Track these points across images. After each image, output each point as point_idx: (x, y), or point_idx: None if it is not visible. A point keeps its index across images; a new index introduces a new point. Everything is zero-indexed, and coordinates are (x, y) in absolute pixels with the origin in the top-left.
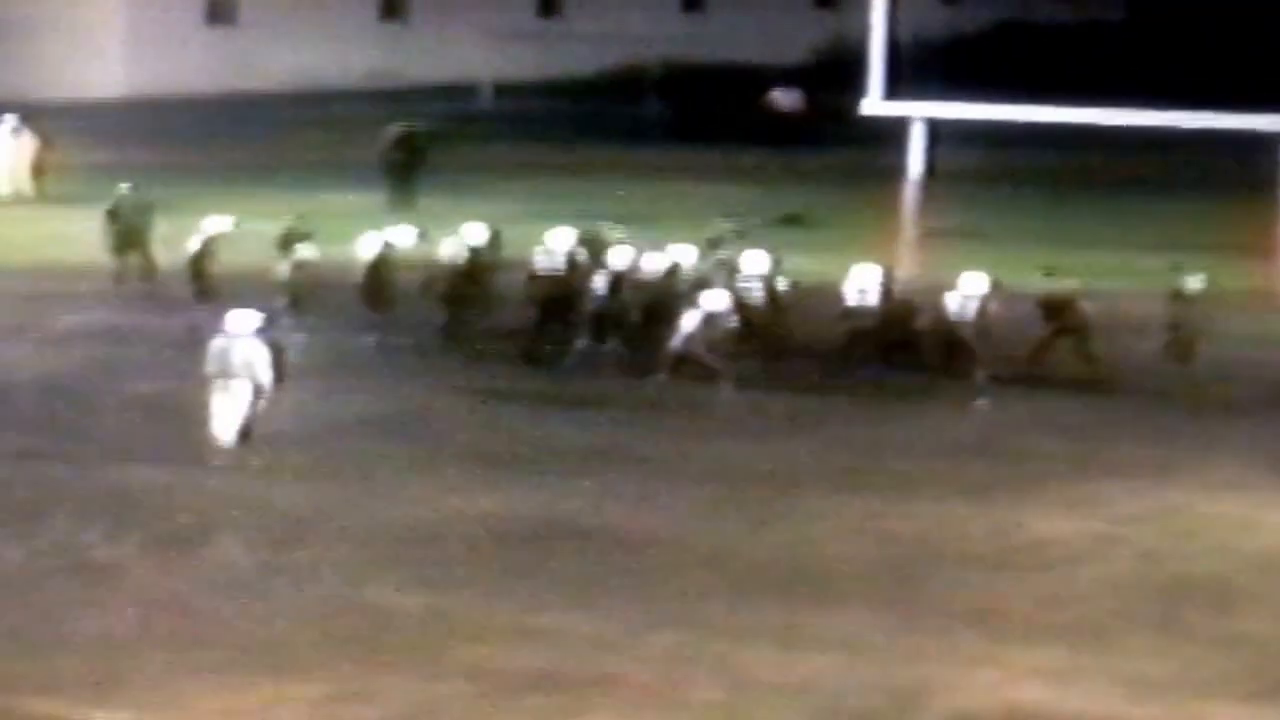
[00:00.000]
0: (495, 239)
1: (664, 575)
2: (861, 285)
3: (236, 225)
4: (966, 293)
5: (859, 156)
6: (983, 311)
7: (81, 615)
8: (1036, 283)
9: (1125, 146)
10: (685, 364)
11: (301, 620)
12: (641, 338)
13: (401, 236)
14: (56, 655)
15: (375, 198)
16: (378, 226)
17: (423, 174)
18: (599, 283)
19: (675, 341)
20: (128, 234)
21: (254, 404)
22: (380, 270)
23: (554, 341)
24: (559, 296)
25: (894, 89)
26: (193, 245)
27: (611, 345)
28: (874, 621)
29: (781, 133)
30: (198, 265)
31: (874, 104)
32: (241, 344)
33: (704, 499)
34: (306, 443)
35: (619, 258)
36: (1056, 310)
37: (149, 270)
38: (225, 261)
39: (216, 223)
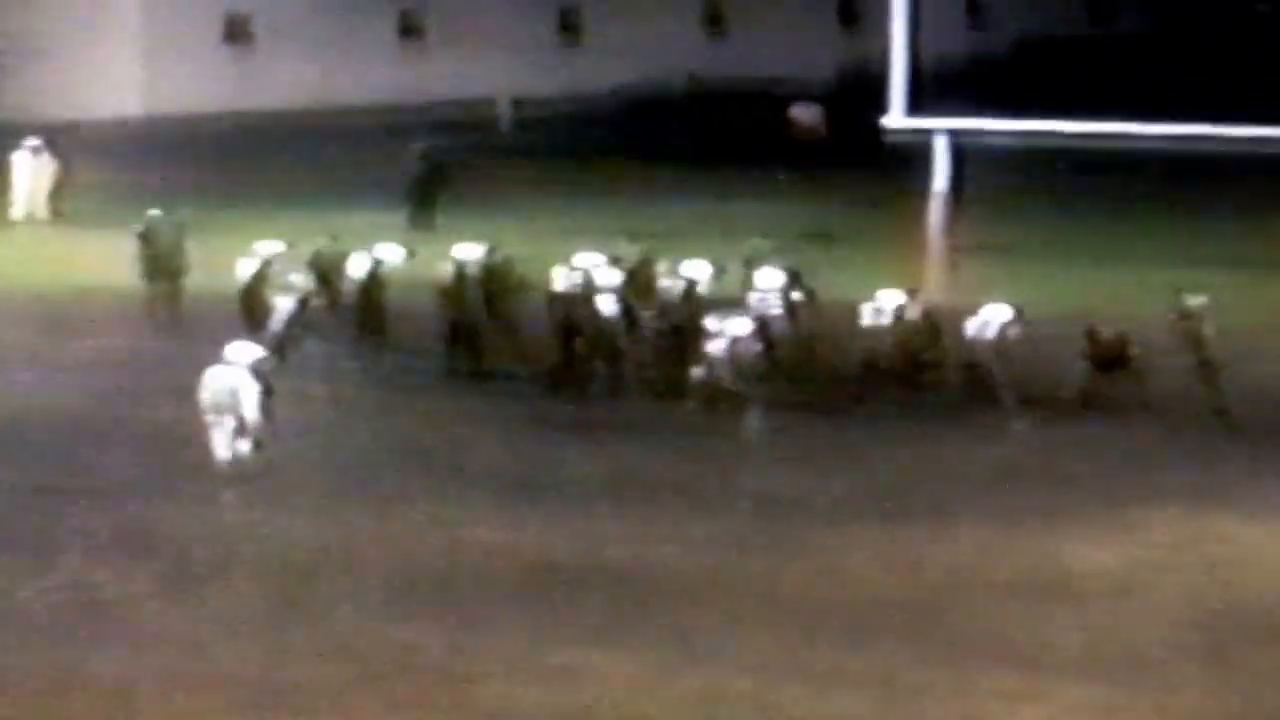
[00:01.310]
0: (506, 261)
1: (692, 610)
2: (879, 306)
3: (290, 246)
4: (986, 319)
5: (882, 174)
6: (1002, 338)
7: (93, 655)
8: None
9: (1154, 162)
10: (712, 391)
11: (319, 660)
12: (661, 361)
13: (390, 255)
14: (68, 697)
15: (397, 217)
16: (401, 243)
17: (444, 193)
18: (608, 304)
19: (701, 368)
20: (159, 259)
21: (239, 437)
22: (371, 290)
23: (575, 365)
24: (579, 319)
25: (917, 105)
26: (245, 271)
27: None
28: (910, 656)
29: (803, 150)
30: (251, 294)
31: (896, 119)
32: (233, 376)
33: (731, 529)
34: (322, 472)
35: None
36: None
37: (174, 296)
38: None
39: (269, 247)
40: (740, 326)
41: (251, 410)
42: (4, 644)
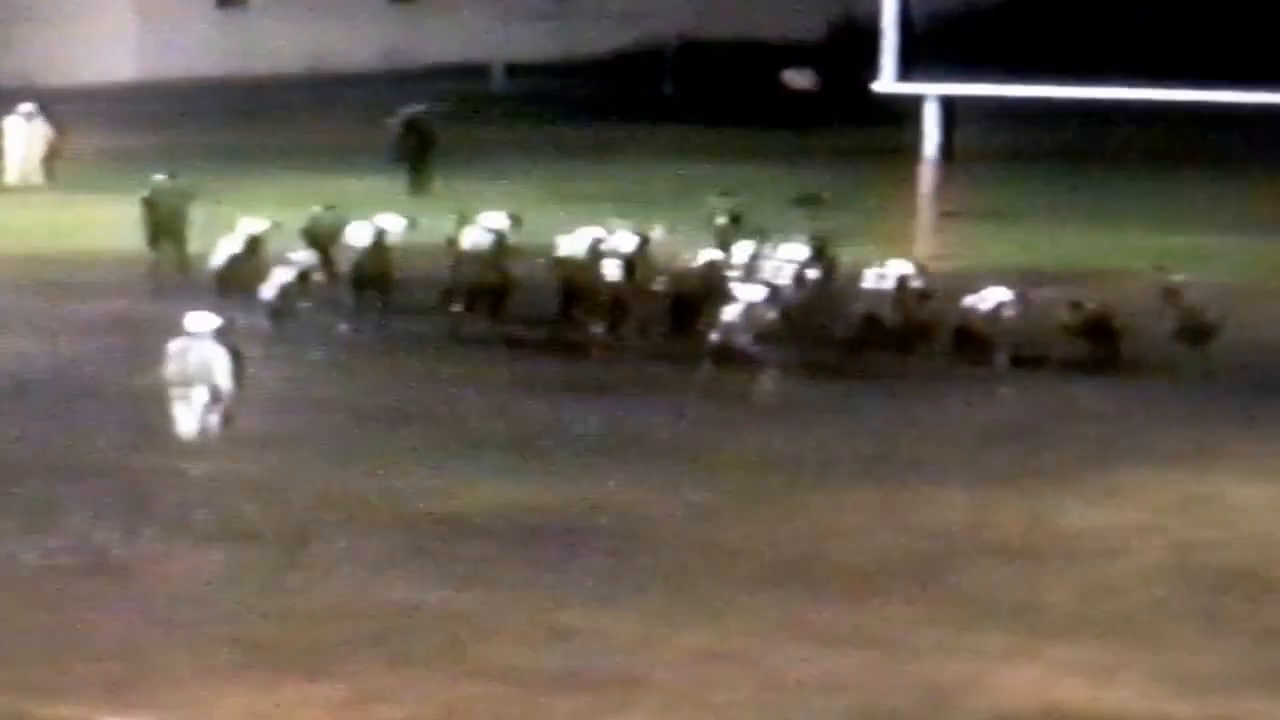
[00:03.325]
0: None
1: (691, 569)
2: (883, 273)
3: (276, 226)
4: (985, 297)
5: (874, 136)
6: (999, 315)
7: (97, 615)
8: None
9: (1148, 122)
10: (727, 354)
11: (322, 618)
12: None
13: (392, 224)
14: (73, 657)
15: (393, 183)
16: (397, 211)
17: (434, 157)
18: (611, 268)
19: (717, 332)
20: (163, 224)
21: (211, 408)
22: (374, 259)
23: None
24: (582, 282)
25: (908, 68)
26: (228, 249)
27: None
28: (906, 616)
29: (795, 112)
30: (232, 272)
31: (887, 84)
32: (200, 346)
33: (731, 489)
34: (324, 434)
35: (629, 243)
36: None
37: (182, 262)
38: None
39: (253, 225)
40: (755, 292)
41: (225, 378)
42: (6, 606)
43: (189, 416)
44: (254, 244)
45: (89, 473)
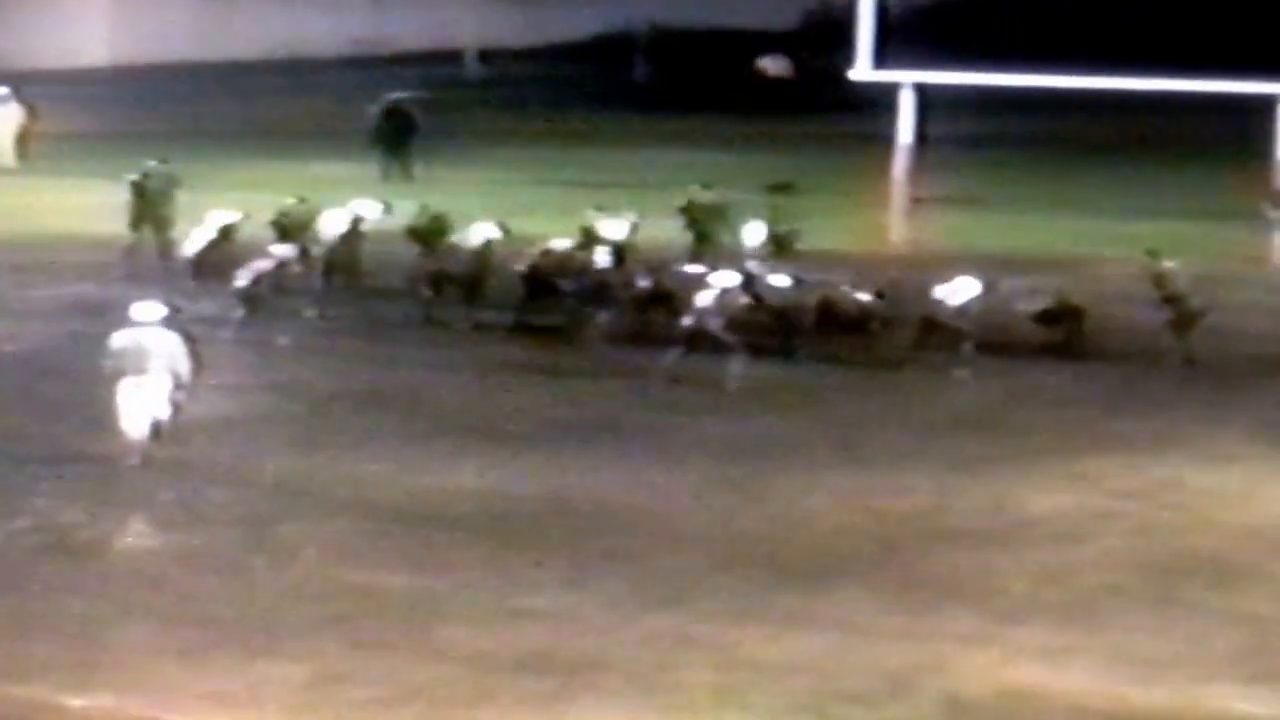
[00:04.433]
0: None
1: (655, 553)
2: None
3: (246, 218)
4: (956, 289)
5: (848, 123)
6: (968, 308)
7: (62, 597)
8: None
9: (1121, 110)
10: (699, 340)
11: (286, 600)
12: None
13: (368, 210)
14: (36, 638)
15: (367, 169)
16: (372, 198)
17: (414, 144)
18: (601, 256)
19: (690, 318)
20: (149, 208)
21: (170, 396)
22: (347, 245)
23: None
24: (555, 269)
25: (883, 56)
26: (200, 240)
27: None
28: (867, 600)
29: (770, 100)
30: (207, 257)
31: (862, 72)
32: (153, 335)
33: (695, 474)
34: (291, 417)
35: (617, 230)
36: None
37: (164, 246)
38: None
39: (224, 217)
40: (728, 278)
41: (183, 363)
42: None
43: (141, 406)
44: (227, 231)
45: (54, 456)
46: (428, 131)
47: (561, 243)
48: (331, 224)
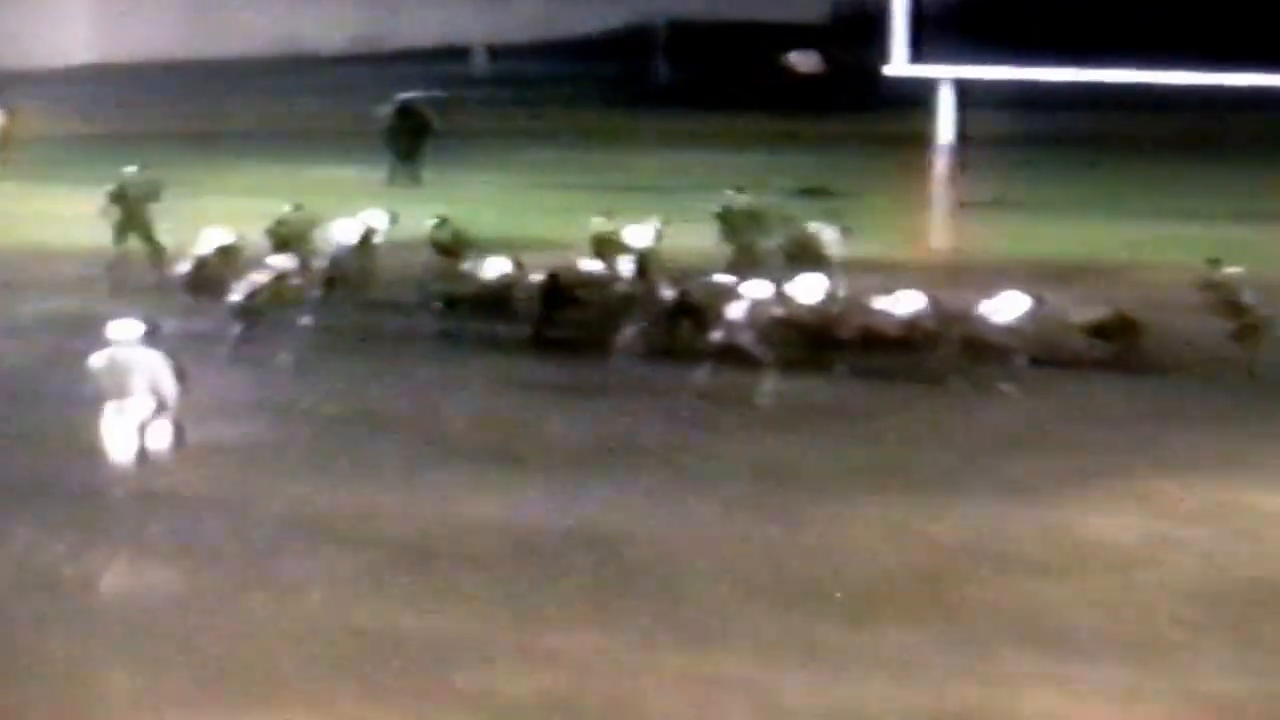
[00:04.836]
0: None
1: (686, 587)
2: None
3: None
4: (1003, 305)
5: (882, 122)
6: (1018, 326)
7: (47, 638)
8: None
9: (1169, 107)
10: (730, 354)
11: (288, 642)
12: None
13: (378, 221)
14: (20, 683)
15: (371, 173)
16: (379, 204)
17: (426, 148)
18: (625, 266)
19: (720, 331)
20: (131, 219)
21: (156, 418)
22: (361, 257)
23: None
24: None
25: (920, 50)
26: (193, 259)
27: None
28: (916, 636)
29: (799, 97)
30: (200, 275)
31: (898, 67)
32: (134, 355)
33: (728, 500)
34: (291, 441)
35: (641, 238)
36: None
37: (155, 257)
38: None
39: (219, 236)
40: (760, 289)
41: (166, 384)
42: None
43: (126, 430)
44: (224, 253)
45: (34, 486)
46: (434, 134)
47: (588, 264)
48: (342, 234)
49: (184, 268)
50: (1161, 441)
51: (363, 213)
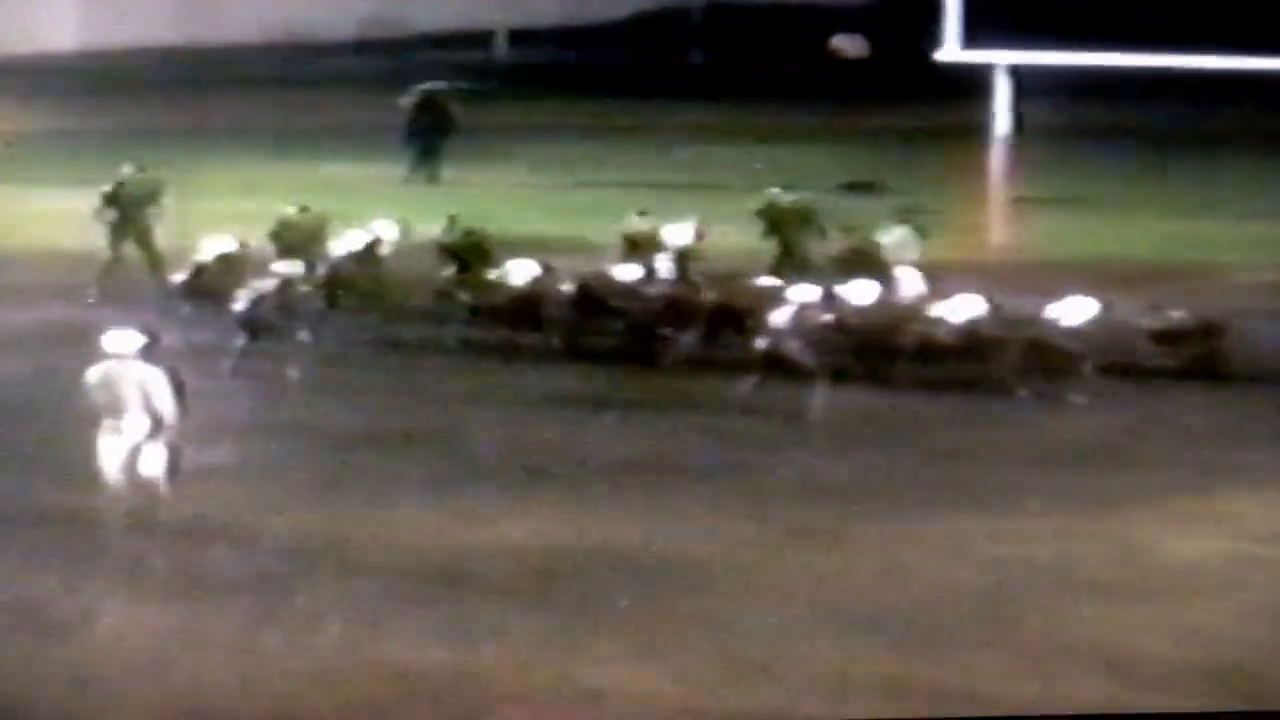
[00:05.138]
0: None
1: (736, 616)
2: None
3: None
4: (1067, 310)
5: (933, 112)
6: (1082, 329)
7: (39, 681)
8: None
9: (1241, 96)
10: (776, 363)
11: (306, 684)
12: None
13: (385, 230)
14: None
15: (384, 171)
16: (396, 204)
17: (447, 142)
18: (663, 264)
19: (764, 339)
20: (127, 223)
21: (154, 439)
22: (366, 266)
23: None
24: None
25: (974, 34)
26: (190, 265)
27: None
28: (985, 667)
29: (845, 85)
30: (196, 286)
31: (951, 52)
32: (130, 369)
33: (777, 522)
34: (304, 463)
35: (679, 237)
36: None
37: (154, 264)
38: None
39: (221, 244)
40: (807, 293)
41: (166, 402)
42: None
43: (122, 452)
44: (225, 262)
45: (24, 514)
46: (457, 128)
47: (624, 269)
48: (348, 245)
49: (180, 275)
50: (1242, 457)
51: (374, 222)
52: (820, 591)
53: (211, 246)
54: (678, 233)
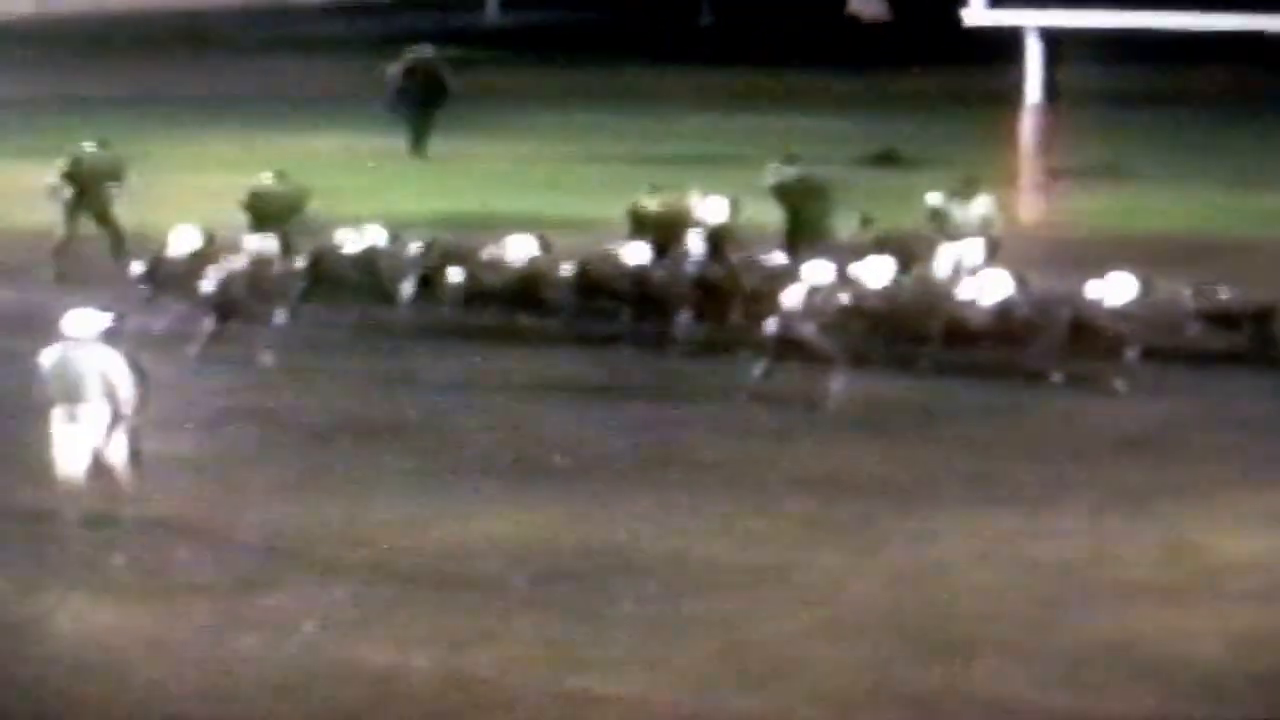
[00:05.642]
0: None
1: (747, 619)
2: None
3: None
4: (1112, 287)
5: (960, 78)
6: (1128, 309)
7: None
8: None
9: None
10: (789, 348)
11: (281, 692)
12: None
13: (377, 236)
14: None
15: (366, 142)
16: (379, 178)
17: (440, 112)
18: (695, 243)
19: (774, 322)
20: (87, 201)
21: (114, 429)
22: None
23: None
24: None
25: None
26: (149, 258)
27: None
28: (1022, 675)
29: (865, 49)
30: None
31: (976, 14)
32: (89, 353)
33: (792, 518)
34: (279, 455)
35: (716, 213)
36: None
37: (116, 245)
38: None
39: (189, 237)
40: (822, 272)
41: (126, 389)
42: None
43: (79, 443)
44: (193, 258)
45: None
46: (448, 96)
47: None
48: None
49: (139, 266)
50: None
51: (366, 227)
52: (836, 592)
53: (176, 240)
54: (713, 208)
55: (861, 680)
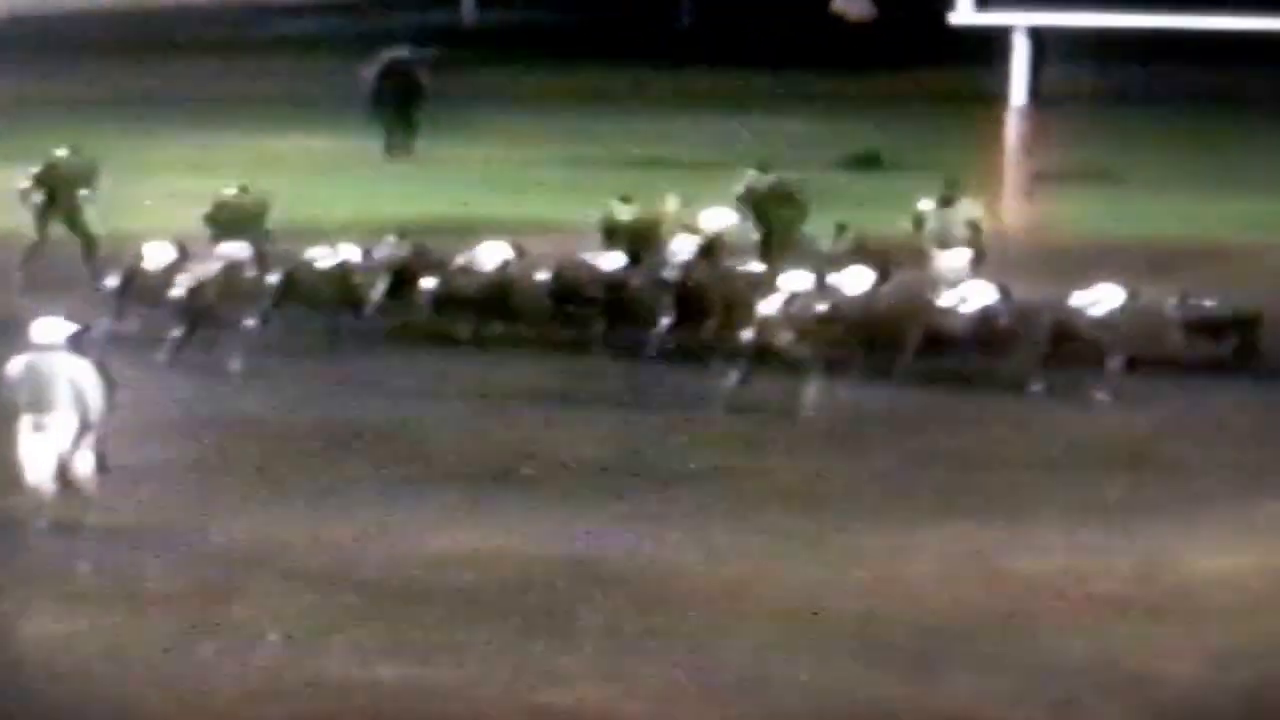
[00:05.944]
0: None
1: (716, 633)
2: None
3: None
4: (1097, 298)
5: (945, 79)
6: (1113, 319)
7: None
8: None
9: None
10: (766, 356)
11: (245, 703)
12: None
13: (351, 254)
14: None
15: (342, 144)
16: (353, 179)
17: (421, 113)
18: (685, 249)
19: (750, 330)
20: (59, 208)
21: (81, 438)
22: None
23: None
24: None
25: None
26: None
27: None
28: (993, 692)
29: (849, 50)
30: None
31: (963, 14)
32: (56, 361)
33: (764, 530)
34: (245, 463)
35: (716, 222)
36: None
37: (89, 249)
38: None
39: (160, 252)
40: (799, 281)
41: (94, 398)
42: None
43: (46, 451)
44: (170, 270)
45: None
46: (427, 97)
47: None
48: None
49: (112, 280)
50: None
51: (340, 245)
52: (808, 606)
53: (150, 254)
54: (713, 218)
55: (830, 696)
